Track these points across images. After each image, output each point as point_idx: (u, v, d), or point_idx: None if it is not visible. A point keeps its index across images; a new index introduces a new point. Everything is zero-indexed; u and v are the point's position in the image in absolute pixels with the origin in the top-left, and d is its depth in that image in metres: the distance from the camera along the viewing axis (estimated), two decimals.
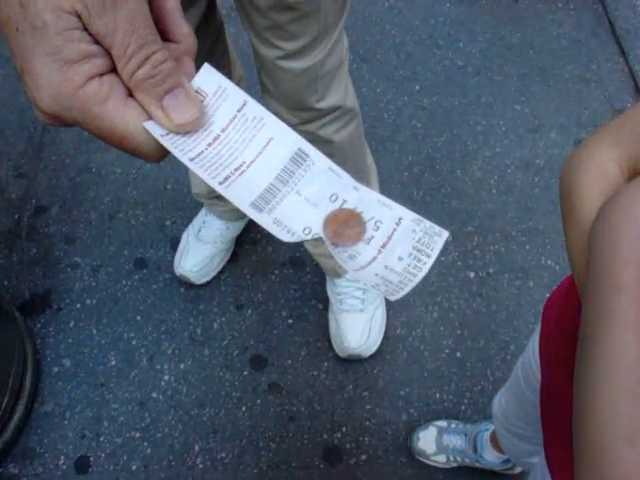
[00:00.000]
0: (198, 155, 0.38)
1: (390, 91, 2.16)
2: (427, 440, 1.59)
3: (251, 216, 0.38)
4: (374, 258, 0.39)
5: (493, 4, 2.40)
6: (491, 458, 1.53)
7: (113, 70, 0.36)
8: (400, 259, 0.39)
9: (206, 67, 0.40)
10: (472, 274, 1.82)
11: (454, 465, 1.59)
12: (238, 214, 1.77)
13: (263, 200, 0.39)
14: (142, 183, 1.96)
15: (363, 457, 1.60)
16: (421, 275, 0.38)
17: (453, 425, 1.61)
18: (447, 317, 1.76)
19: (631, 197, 0.31)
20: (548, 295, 0.90)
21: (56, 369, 1.69)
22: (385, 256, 0.39)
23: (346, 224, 0.39)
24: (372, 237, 0.40)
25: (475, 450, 1.54)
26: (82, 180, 1.98)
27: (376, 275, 0.38)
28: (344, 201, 0.40)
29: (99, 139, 0.37)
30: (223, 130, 0.39)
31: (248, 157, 0.39)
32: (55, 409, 1.64)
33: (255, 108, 0.40)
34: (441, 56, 2.26)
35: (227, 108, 0.39)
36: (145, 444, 1.61)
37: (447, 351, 1.72)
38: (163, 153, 0.38)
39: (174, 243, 1.86)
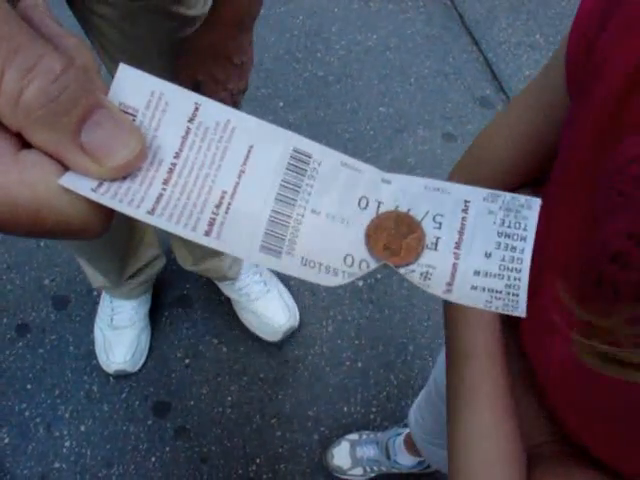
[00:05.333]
0: (157, 202, 0.26)
1: (255, 112, 2.12)
2: (341, 456, 1.59)
3: (268, 266, 0.27)
4: (454, 266, 0.29)
5: (345, 11, 2.43)
6: (406, 462, 1.54)
7: None
8: (488, 255, 0.29)
9: (123, 68, 0.27)
10: (361, 282, 1.82)
11: (372, 475, 1.60)
12: (145, 286, 1.67)
13: (273, 237, 0.28)
14: (13, 245, 1.87)
15: None
16: (525, 266, 0.28)
17: (364, 436, 1.61)
18: (343, 329, 1.77)
19: None
20: None
21: None
22: (466, 259, 0.29)
23: (396, 234, 0.29)
24: (437, 239, 0.29)
25: (388, 457, 1.54)
26: None
27: (474, 289, 0.28)
28: (379, 203, 0.30)
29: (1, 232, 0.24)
30: (177, 155, 0.27)
31: (227, 183, 0.27)
32: None
33: (213, 109, 0.28)
34: (301, 69, 2.27)
35: (173, 121, 0.27)
36: None
37: (348, 363, 1.72)
38: (105, 216, 0.25)
39: (56, 302, 1.78)
